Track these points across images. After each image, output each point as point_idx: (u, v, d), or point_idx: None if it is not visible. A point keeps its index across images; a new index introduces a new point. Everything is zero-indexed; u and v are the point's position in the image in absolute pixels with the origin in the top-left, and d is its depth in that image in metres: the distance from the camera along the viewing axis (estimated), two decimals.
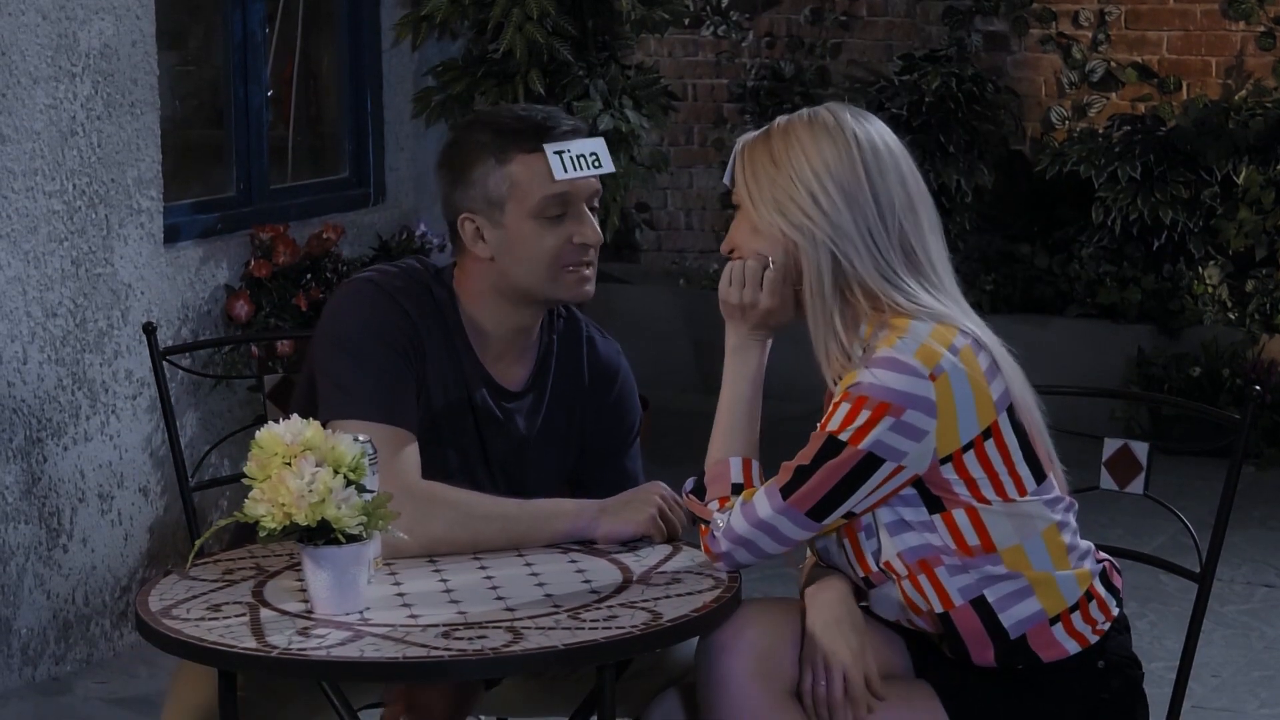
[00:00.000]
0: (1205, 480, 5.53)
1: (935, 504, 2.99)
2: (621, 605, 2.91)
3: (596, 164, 3.25)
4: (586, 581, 3.02)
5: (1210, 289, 7.55)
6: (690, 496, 3.11)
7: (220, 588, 3.02)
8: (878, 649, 3.04)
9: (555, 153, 3.22)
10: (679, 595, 2.95)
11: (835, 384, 3.00)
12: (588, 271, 3.27)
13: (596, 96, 6.22)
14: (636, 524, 3.20)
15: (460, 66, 6.31)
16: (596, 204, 3.29)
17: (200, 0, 6.08)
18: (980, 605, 3.00)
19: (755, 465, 3.09)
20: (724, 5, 8.78)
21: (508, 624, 2.83)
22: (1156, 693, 3.29)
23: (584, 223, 3.25)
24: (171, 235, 5.56)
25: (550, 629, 2.81)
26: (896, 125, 3.18)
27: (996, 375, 2.99)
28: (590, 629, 2.81)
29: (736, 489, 3.06)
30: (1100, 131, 7.93)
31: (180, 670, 3.18)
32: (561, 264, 3.24)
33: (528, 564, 3.10)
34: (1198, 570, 3.28)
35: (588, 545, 3.19)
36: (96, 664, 5.29)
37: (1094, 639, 3.05)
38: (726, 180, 3.11)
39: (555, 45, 6.11)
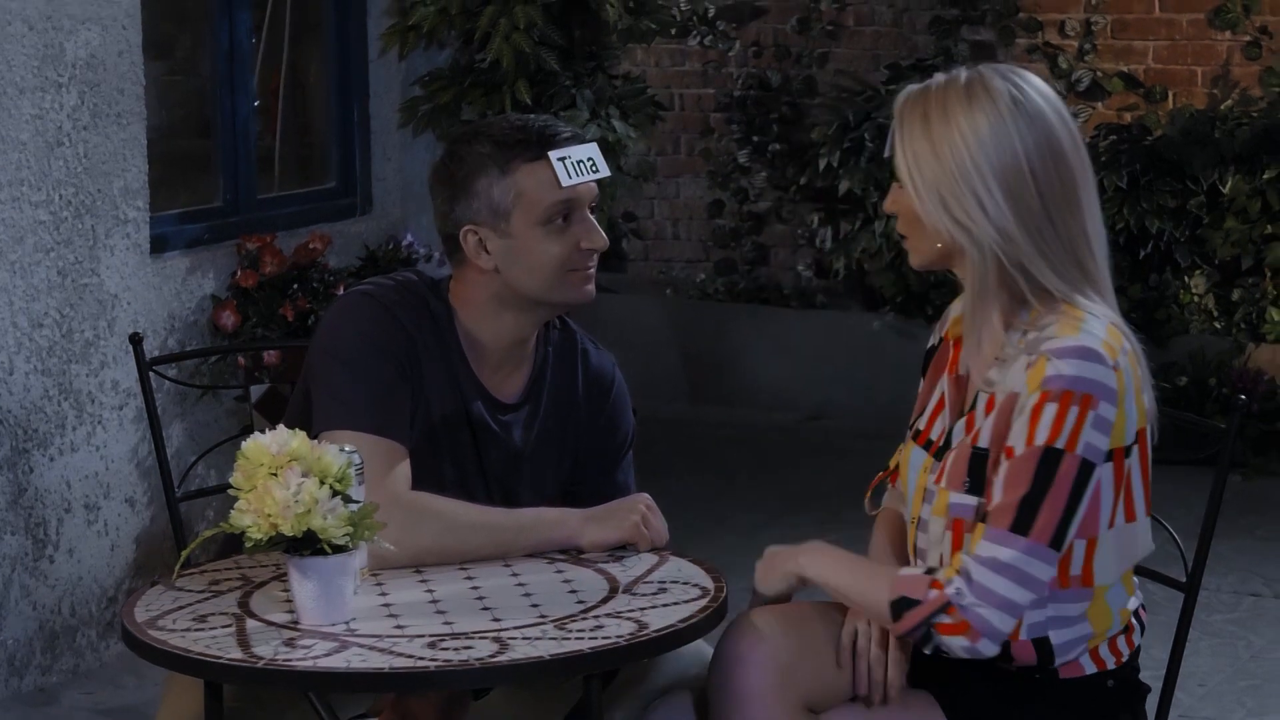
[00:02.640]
0: (1191, 489, 5.52)
1: None
2: (608, 615, 2.90)
3: (594, 169, 3.26)
4: (573, 592, 3.01)
5: (1197, 298, 7.56)
6: (902, 617, 2.85)
7: (206, 598, 3.02)
8: None
9: (559, 160, 3.22)
10: (665, 605, 2.95)
11: (985, 381, 2.89)
12: (590, 273, 3.28)
13: (583, 106, 6.22)
14: (621, 531, 3.20)
15: (447, 76, 6.30)
16: (594, 205, 3.29)
17: (187, 10, 6.08)
18: (1041, 645, 2.93)
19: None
20: (711, 15, 8.78)
21: (494, 634, 2.83)
22: None
23: (590, 228, 3.26)
24: (158, 245, 5.55)
25: (537, 639, 2.81)
26: (884, 136, 3.11)
27: (1147, 387, 2.92)
28: (577, 639, 2.81)
29: (929, 571, 2.86)
30: (1087, 141, 7.93)
31: (171, 680, 3.18)
32: (567, 269, 3.25)
33: (514, 574, 3.10)
34: (1184, 579, 3.28)
35: (574, 555, 3.19)
36: (83, 674, 5.28)
37: (1113, 665, 3.02)
38: (887, 153, 2.95)
39: (542, 55, 6.12)
